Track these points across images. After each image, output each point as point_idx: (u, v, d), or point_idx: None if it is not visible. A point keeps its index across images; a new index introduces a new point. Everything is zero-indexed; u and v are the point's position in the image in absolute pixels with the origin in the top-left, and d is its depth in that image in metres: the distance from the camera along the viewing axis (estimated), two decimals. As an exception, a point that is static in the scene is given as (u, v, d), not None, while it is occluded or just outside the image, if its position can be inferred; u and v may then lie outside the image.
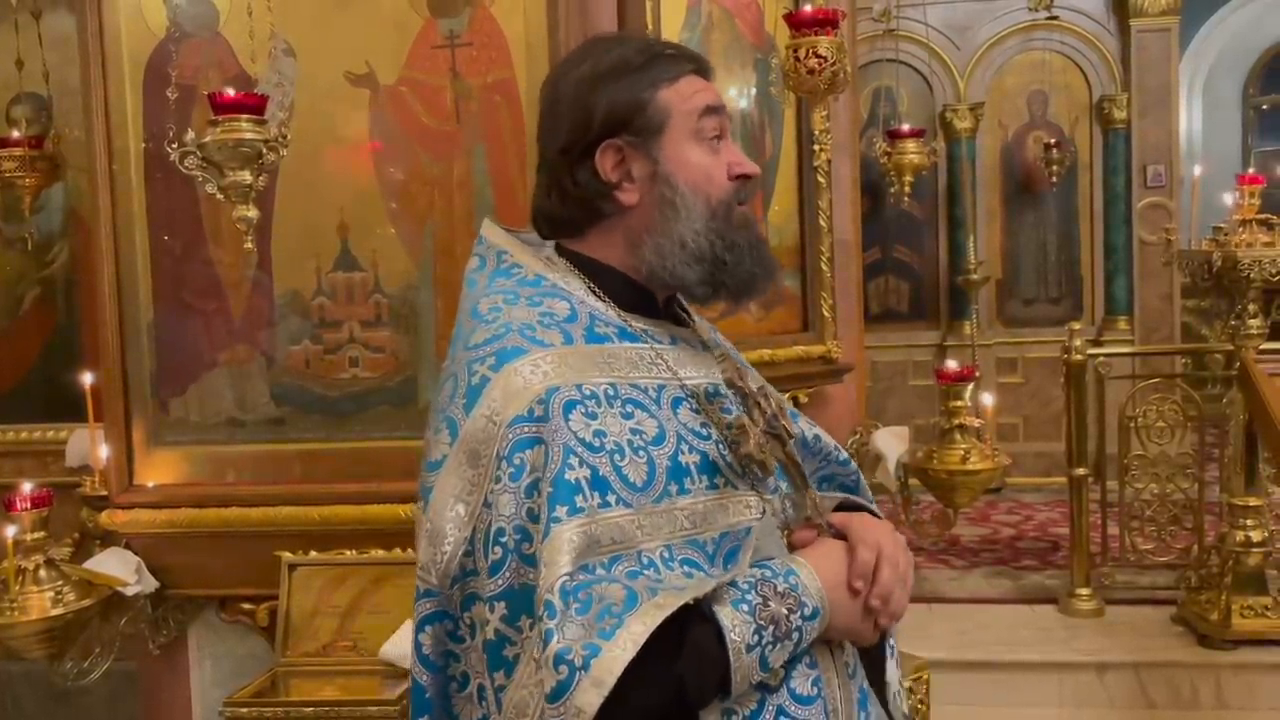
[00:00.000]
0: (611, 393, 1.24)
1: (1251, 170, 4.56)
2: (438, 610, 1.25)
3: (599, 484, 1.16)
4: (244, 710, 2.29)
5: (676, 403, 1.30)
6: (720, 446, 1.28)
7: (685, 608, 1.11)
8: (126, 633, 2.54)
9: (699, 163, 1.33)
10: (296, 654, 2.41)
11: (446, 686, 1.26)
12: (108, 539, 2.61)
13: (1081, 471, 4.45)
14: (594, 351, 1.27)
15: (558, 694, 1.05)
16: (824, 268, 3.11)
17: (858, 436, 3.24)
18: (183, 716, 2.65)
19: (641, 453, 1.21)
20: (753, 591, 1.16)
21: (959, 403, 3.03)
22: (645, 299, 1.37)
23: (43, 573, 2.33)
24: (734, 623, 1.13)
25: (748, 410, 1.30)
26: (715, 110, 1.35)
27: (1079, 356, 4.46)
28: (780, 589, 1.17)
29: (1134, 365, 4.97)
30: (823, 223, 3.11)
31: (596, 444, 1.19)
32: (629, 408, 1.25)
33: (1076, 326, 4.67)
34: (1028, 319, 6.83)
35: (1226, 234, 4.08)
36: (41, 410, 3.39)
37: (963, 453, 2.98)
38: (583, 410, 1.20)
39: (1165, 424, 4.48)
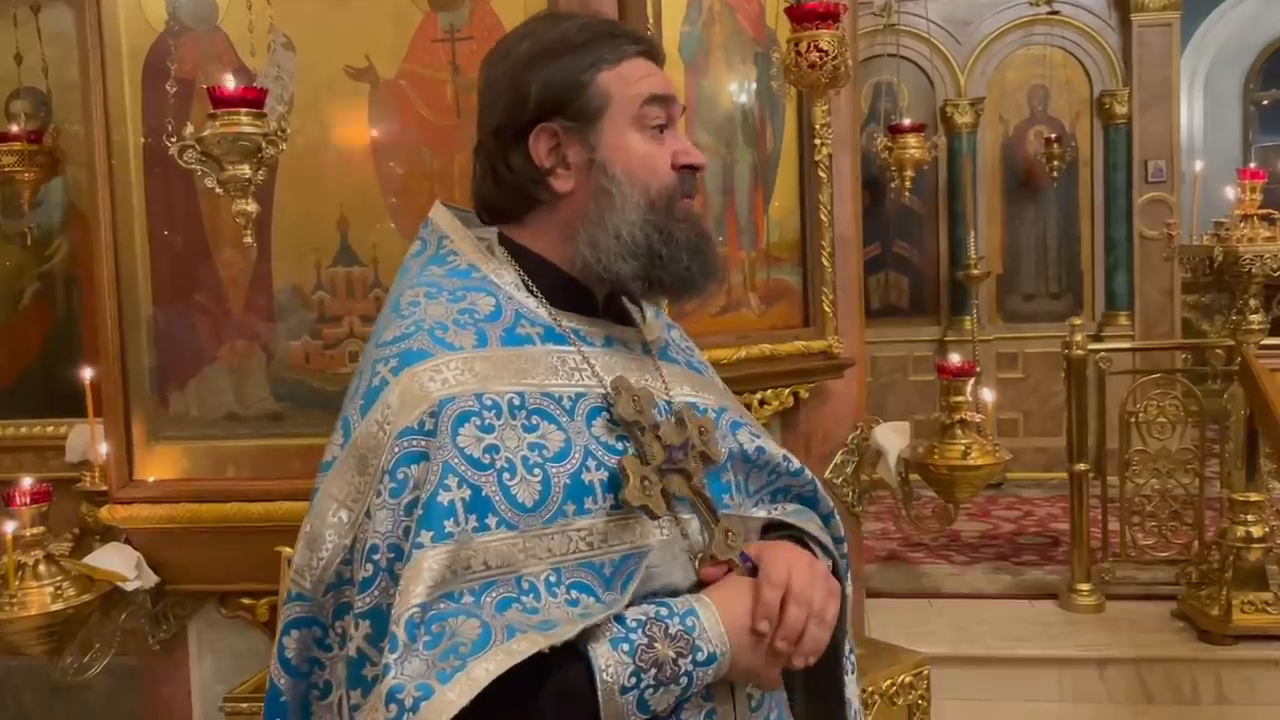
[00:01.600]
0: (518, 402, 1.17)
1: (1253, 165, 4.55)
2: (307, 615, 1.21)
3: (478, 505, 1.10)
4: (244, 705, 2.30)
5: (593, 414, 1.22)
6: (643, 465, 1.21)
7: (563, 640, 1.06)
8: (126, 628, 2.53)
9: (639, 151, 1.25)
10: (297, 649, 2.41)
11: (308, 693, 1.22)
12: (107, 534, 2.60)
13: (1082, 467, 4.45)
14: (508, 355, 1.20)
15: None
16: (825, 263, 3.10)
17: (858, 432, 3.23)
18: (183, 712, 2.64)
19: (537, 470, 1.14)
20: (639, 631, 1.10)
21: (960, 398, 3.03)
22: (582, 295, 1.30)
23: (42, 568, 2.33)
24: (608, 662, 1.08)
25: (641, 447, 1.21)
26: (661, 99, 1.27)
27: (1079, 352, 4.46)
28: (673, 631, 1.11)
29: (1134, 360, 4.97)
30: (823, 218, 3.10)
31: (486, 461, 1.12)
32: (534, 419, 1.18)
33: (1077, 322, 4.67)
34: (1028, 314, 6.83)
35: (1228, 229, 4.08)
36: (41, 405, 3.39)
37: (963, 448, 2.98)
38: (477, 423, 1.13)
39: (1166, 419, 4.48)
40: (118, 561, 2.43)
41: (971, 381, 3.06)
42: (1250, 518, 4.15)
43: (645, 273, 1.25)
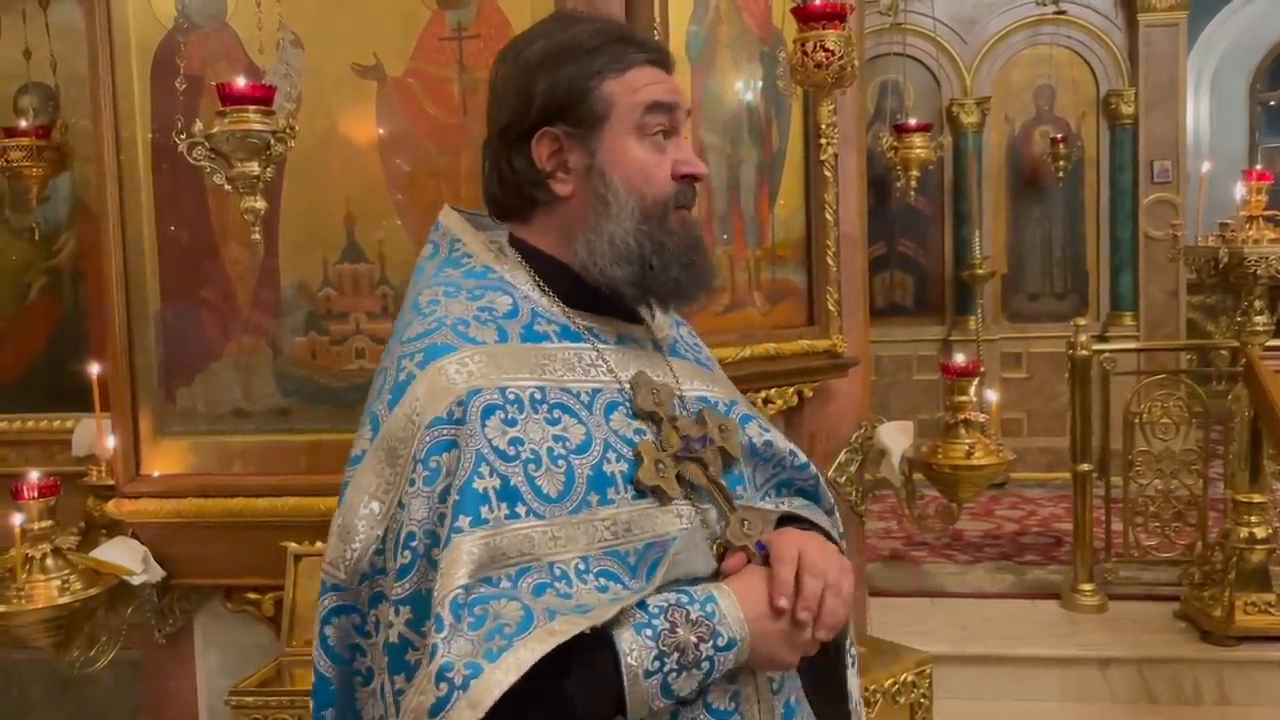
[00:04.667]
0: (539, 396, 1.21)
1: (1259, 167, 4.55)
2: (344, 604, 1.24)
3: (508, 494, 1.14)
4: (249, 699, 2.31)
5: (611, 408, 1.26)
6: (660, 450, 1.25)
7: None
8: (132, 622, 2.55)
9: (638, 159, 1.27)
10: (301, 644, 2.42)
11: (351, 679, 1.25)
12: (114, 528, 2.61)
13: (1086, 467, 4.45)
14: (529, 351, 1.24)
15: (435, 710, 1.04)
16: (829, 262, 3.11)
17: (862, 431, 3.24)
18: (188, 705, 2.66)
19: (561, 461, 1.18)
20: (661, 617, 1.13)
21: (964, 397, 3.03)
22: (592, 294, 1.32)
23: (49, 561, 2.34)
24: (632, 647, 1.11)
25: (660, 434, 1.26)
26: (664, 106, 1.28)
27: (1084, 352, 4.46)
28: (693, 616, 1.14)
29: (1139, 361, 4.97)
30: (828, 217, 3.11)
31: (511, 453, 1.16)
32: (556, 413, 1.21)
33: (1081, 322, 4.68)
34: (1033, 314, 6.83)
35: (1233, 230, 4.08)
36: (48, 400, 3.39)
37: (967, 447, 2.98)
38: (502, 416, 1.17)
39: (1170, 420, 4.48)
40: (124, 555, 2.44)
41: (975, 381, 3.07)
42: (1254, 519, 4.15)
43: (637, 279, 1.28)
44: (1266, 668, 3.93)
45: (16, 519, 2.31)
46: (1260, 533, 4.12)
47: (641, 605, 1.14)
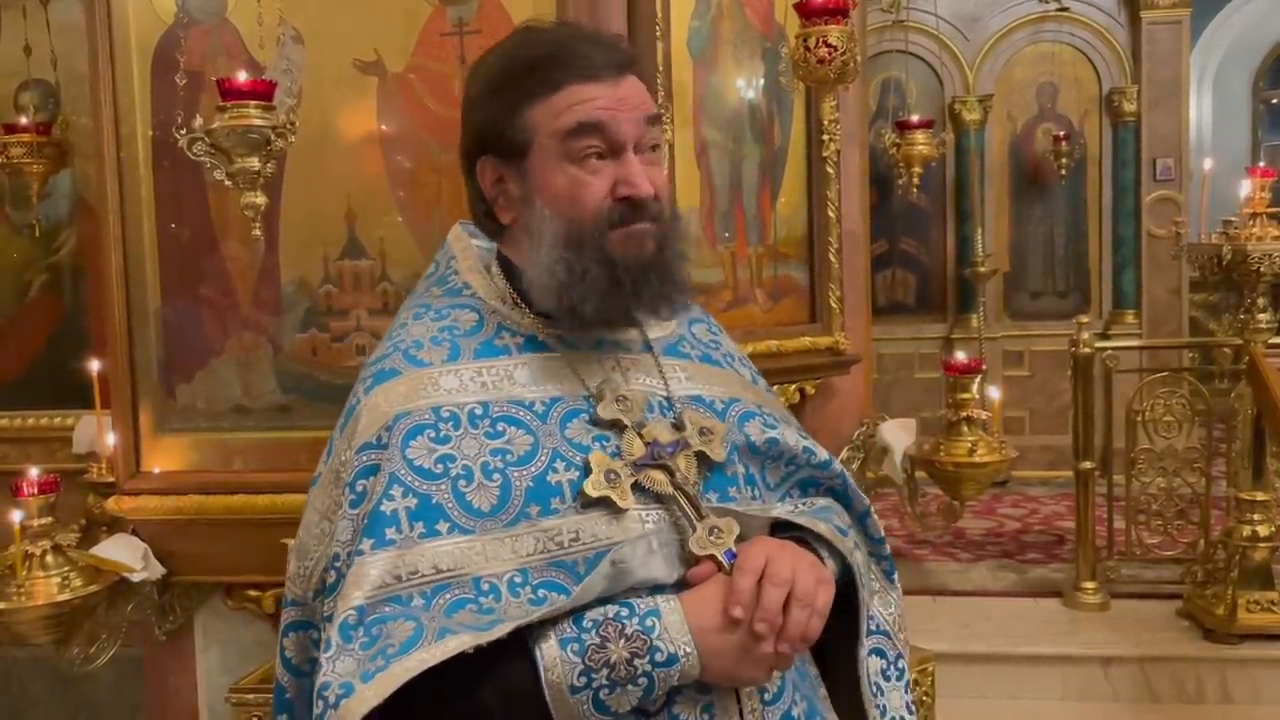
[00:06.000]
0: (480, 412, 1.21)
1: (1262, 164, 4.55)
2: (302, 619, 1.27)
3: (427, 513, 1.14)
4: (250, 696, 2.30)
5: (569, 416, 1.24)
6: (616, 459, 1.22)
7: (514, 638, 1.08)
8: (133, 619, 2.54)
9: (560, 184, 1.23)
10: (302, 641, 2.41)
11: (311, 691, 1.24)
12: (114, 525, 2.61)
13: (1088, 465, 4.44)
14: (478, 368, 1.24)
15: None
16: (832, 259, 3.10)
17: (864, 428, 3.23)
18: (188, 703, 2.65)
19: (496, 475, 1.17)
20: (593, 631, 1.10)
21: (966, 395, 3.02)
22: None
23: (50, 558, 2.33)
24: (554, 661, 1.09)
25: (623, 443, 1.23)
26: (593, 127, 1.21)
27: (1086, 350, 4.45)
28: (629, 631, 1.10)
29: (1141, 359, 4.96)
30: (831, 214, 3.10)
31: (438, 470, 1.16)
32: (500, 425, 1.20)
33: (1084, 320, 4.67)
34: (1035, 312, 6.82)
35: (1236, 227, 4.07)
36: (48, 397, 3.39)
37: (969, 445, 2.97)
38: (432, 435, 1.18)
39: (1172, 418, 4.48)
40: (125, 552, 2.44)
41: (978, 379, 3.06)
42: (1256, 517, 4.14)
43: (563, 311, 1.24)
44: (1269, 666, 3.92)
45: (16, 516, 2.31)
46: (1263, 531, 4.12)
47: (576, 619, 1.11)
